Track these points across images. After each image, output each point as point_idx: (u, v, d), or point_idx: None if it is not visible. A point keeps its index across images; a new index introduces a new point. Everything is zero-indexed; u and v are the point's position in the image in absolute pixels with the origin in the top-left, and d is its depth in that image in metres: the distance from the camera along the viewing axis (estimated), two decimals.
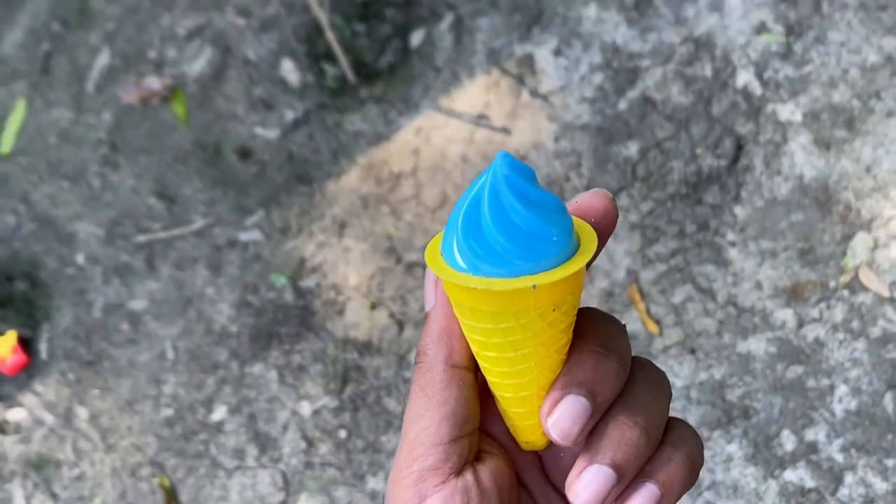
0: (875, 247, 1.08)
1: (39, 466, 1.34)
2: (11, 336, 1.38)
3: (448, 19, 1.37)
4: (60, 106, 1.59)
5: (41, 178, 1.54)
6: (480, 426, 0.36)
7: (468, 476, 0.34)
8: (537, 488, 0.38)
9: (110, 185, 1.48)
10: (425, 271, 0.35)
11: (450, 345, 0.35)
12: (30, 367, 1.39)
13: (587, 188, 1.20)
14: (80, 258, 1.45)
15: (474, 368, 0.36)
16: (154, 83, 1.50)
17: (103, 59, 1.60)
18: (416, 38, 1.38)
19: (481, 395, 0.37)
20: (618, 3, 1.29)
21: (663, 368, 1.00)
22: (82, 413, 1.35)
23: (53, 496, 1.31)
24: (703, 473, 1.07)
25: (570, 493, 0.33)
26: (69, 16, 1.67)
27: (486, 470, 0.35)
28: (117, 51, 1.59)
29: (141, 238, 1.42)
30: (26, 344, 1.40)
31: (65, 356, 1.39)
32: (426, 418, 0.34)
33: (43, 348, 1.40)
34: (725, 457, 1.06)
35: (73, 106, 1.57)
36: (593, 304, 1.17)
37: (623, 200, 1.19)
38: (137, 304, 1.38)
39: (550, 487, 0.38)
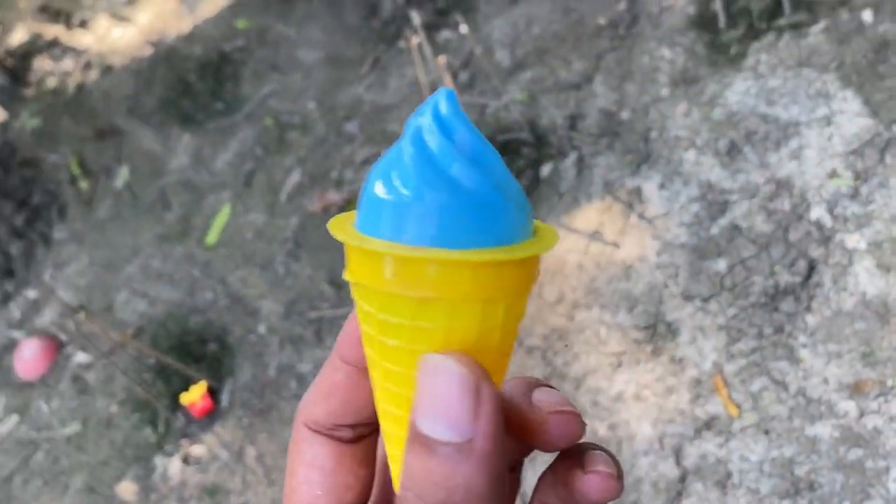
0: None
1: (213, 493, 1.63)
2: (202, 386, 1.72)
3: (572, 157, 1.71)
4: (257, 211, 2.00)
5: (237, 265, 1.92)
6: None
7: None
8: None
9: (292, 273, 1.84)
10: (424, 368, 0.26)
11: (500, 497, 0.27)
12: (214, 412, 1.72)
13: (682, 295, 1.46)
14: (261, 328, 1.79)
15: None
16: (334, 196, 1.89)
17: (294, 177, 2.02)
18: (545, 170, 1.72)
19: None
20: (713, 149, 1.59)
21: (742, 446, 1.24)
22: (251, 452, 1.65)
23: None
24: None
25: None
26: (270, 144, 2.11)
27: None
28: (306, 171, 2.00)
29: (313, 315, 1.76)
30: (213, 393, 1.73)
31: (242, 405, 1.71)
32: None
33: (225, 398, 1.73)
34: None
35: (268, 211, 1.98)
36: (684, 393, 1.40)
37: (712, 306, 1.44)
38: (304, 367, 1.70)
39: None
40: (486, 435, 0.25)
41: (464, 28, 1.72)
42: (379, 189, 0.26)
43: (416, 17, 1.54)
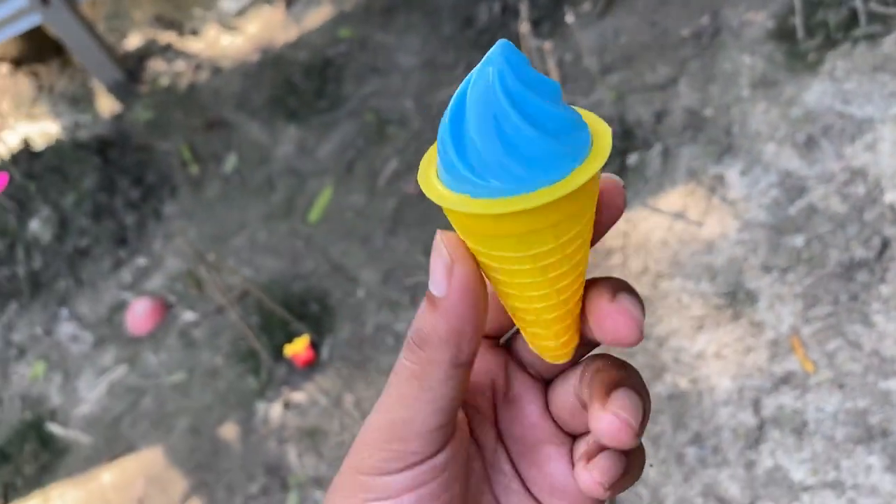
0: None
1: (312, 434, 1.76)
2: (306, 339, 1.87)
3: (658, 147, 1.85)
4: (357, 193, 2.17)
5: (338, 239, 2.09)
6: None
7: (441, 455, 0.35)
8: (489, 444, 0.39)
9: (389, 247, 2.00)
10: (434, 243, 0.33)
11: (458, 346, 0.33)
12: (314, 363, 1.86)
13: (762, 266, 1.59)
14: (360, 293, 1.95)
15: (474, 360, 0.35)
16: None
17: (392, 164, 2.19)
18: (632, 159, 1.86)
19: None
20: (791, 142, 1.72)
21: (818, 399, 1.35)
22: (349, 399, 1.78)
23: (319, 455, 1.73)
24: (845, 477, 1.33)
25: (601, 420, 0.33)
26: (370, 136, 2.29)
27: (455, 442, 0.36)
28: (403, 160, 2.18)
29: (408, 281, 1.90)
30: (314, 347, 1.88)
31: (341, 358, 1.85)
32: (417, 406, 0.34)
33: (325, 351, 1.88)
34: (866, 465, 1.33)
35: (367, 193, 2.15)
36: (762, 352, 1.51)
37: (790, 276, 1.56)
38: (400, 326, 1.84)
39: (500, 444, 0.39)
40: (450, 296, 0.32)
41: (570, 18, 1.90)
42: (450, 151, 0.31)
43: (523, 14, 1.72)
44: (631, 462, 0.36)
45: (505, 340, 0.41)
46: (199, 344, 2.04)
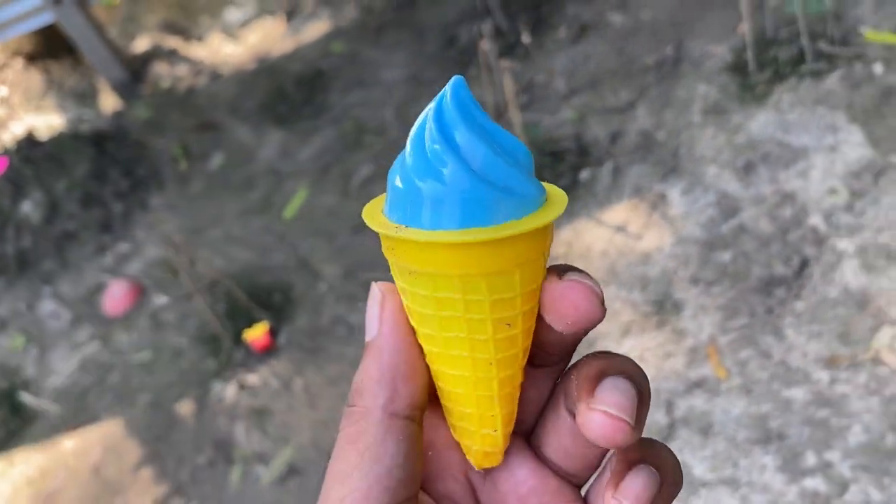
0: (895, 337, 1.45)
1: (260, 413, 1.86)
2: (265, 325, 1.97)
3: (609, 165, 1.96)
4: (330, 194, 2.28)
5: (307, 235, 2.20)
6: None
7: None
8: None
9: (353, 245, 2.11)
10: (370, 293, 0.32)
11: (392, 387, 0.30)
12: (271, 349, 1.96)
13: (690, 279, 1.68)
14: (322, 286, 2.05)
15: (417, 418, 0.31)
16: None
17: (365, 170, 2.31)
18: (584, 174, 1.97)
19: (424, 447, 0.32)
20: (731, 165, 1.82)
21: (725, 403, 1.43)
22: (299, 382, 1.88)
23: (264, 432, 1.82)
24: (741, 474, 1.41)
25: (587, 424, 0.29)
26: (348, 143, 2.42)
27: None
28: (376, 166, 2.29)
29: (367, 277, 2.01)
30: (273, 334, 1.98)
31: (296, 345, 1.95)
32: (354, 478, 0.29)
33: (283, 338, 1.98)
34: (761, 465, 1.40)
35: (340, 195, 2.26)
36: (680, 358, 1.59)
37: (714, 289, 1.64)
38: (354, 318, 1.94)
39: None
40: (382, 335, 0.31)
41: (526, 37, 2.01)
42: (397, 182, 0.30)
43: (485, 32, 1.84)
44: (665, 470, 0.31)
45: None
46: (168, 326, 2.15)
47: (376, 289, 0.32)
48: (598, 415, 0.29)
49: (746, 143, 1.85)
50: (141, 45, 3.16)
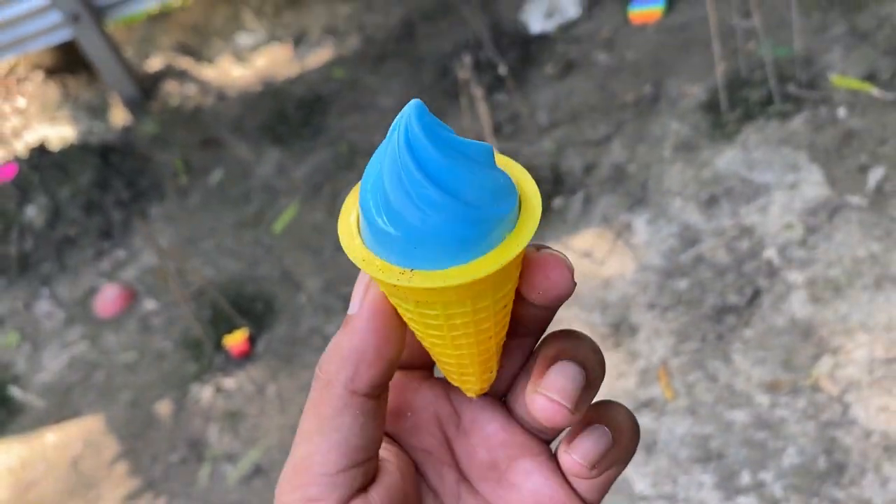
0: (835, 366, 1.51)
1: (233, 415, 1.93)
2: (244, 332, 2.06)
3: (580, 194, 2.04)
4: (319, 211, 2.38)
5: (293, 249, 2.29)
6: (387, 425, 0.34)
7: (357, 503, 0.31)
8: (447, 489, 0.36)
9: (336, 260, 2.20)
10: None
11: (355, 367, 0.31)
12: (249, 355, 2.04)
13: (647, 304, 1.74)
14: (302, 297, 2.13)
15: (378, 395, 0.33)
16: None
17: None
18: (557, 202, 2.05)
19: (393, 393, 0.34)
20: (696, 199, 1.89)
21: (671, 422, 1.49)
22: (272, 388, 1.95)
23: (236, 434, 1.89)
24: (679, 491, 1.46)
25: (533, 397, 0.31)
26: (341, 163, 2.51)
27: (380, 490, 0.33)
28: None
29: (345, 290, 2.09)
30: (252, 341, 2.06)
31: (272, 353, 2.03)
32: (314, 442, 0.32)
33: (261, 345, 2.06)
34: (699, 482, 1.46)
35: (327, 212, 2.35)
36: (632, 378, 1.65)
37: (669, 315, 1.71)
38: (330, 329, 2.02)
39: (464, 485, 0.36)
40: (359, 316, 0.32)
41: (503, 70, 2.11)
42: (381, 224, 0.29)
43: (465, 63, 1.94)
44: (619, 431, 0.33)
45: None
46: (155, 330, 2.24)
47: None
48: (541, 398, 0.31)
49: (712, 178, 1.93)
50: (154, 64, 3.30)
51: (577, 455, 0.33)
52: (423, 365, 0.38)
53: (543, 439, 0.36)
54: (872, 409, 1.45)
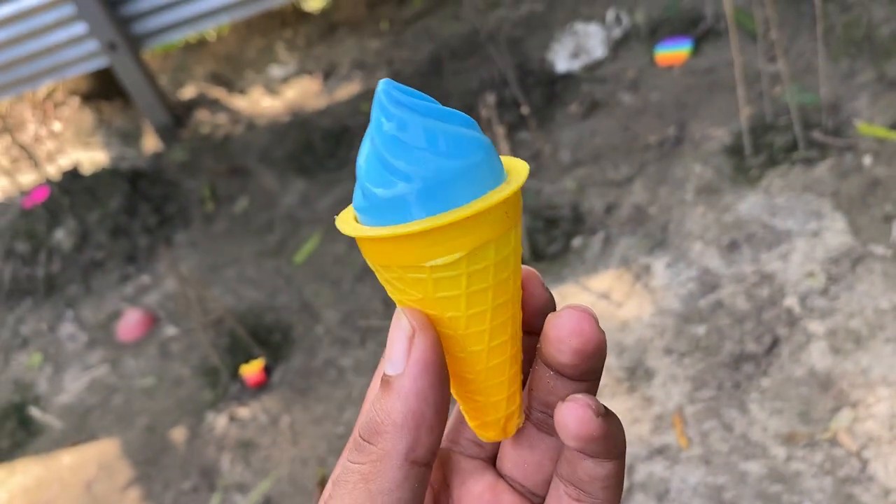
0: (854, 420, 1.48)
1: (246, 445, 1.94)
2: (260, 362, 2.07)
3: (601, 235, 2.03)
4: (340, 243, 2.39)
5: (313, 280, 2.30)
6: None
7: None
8: None
9: (354, 292, 2.21)
10: (394, 316, 0.31)
11: (415, 434, 0.29)
12: (264, 385, 2.05)
13: (664, 349, 1.73)
14: (319, 329, 2.14)
15: (433, 460, 0.31)
16: None
17: None
18: (577, 242, 2.04)
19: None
20: (716, 243, 1.88)
21: (683, 471, 1.47)
22: (286, 419, 1.96)
23: (247, 464, 1.89)
24: None
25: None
26: None
27: None
28: None
29: (362, 323, 2.10)
30: (268, 371, 2.07)
31: (287, 384, 2.03)
32: None
33: (277, 376, 2.06)
34: None
35: (348, 244, 2.37)
36: (646, 424, 1.63)
37: (686, 360, 1.69)
38: (345, 362, 2.02)
39: None
40: (410, 376, 0.29)
41: (525, 110, 2.12)
42: (378, 191, 0.30)
43: (488, 102, 1.95)
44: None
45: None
46: (174, 356, 2.26)
47: (405, 320, 0.30)
48: (566, 310, 0.31)
49: (733, 222, 1.92)
50: (187, 92, 3.37)
51: (581, 396, 0.32)
52: None
53: (531, 501, 0.36)
54: (892, 466, 1.41)
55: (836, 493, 1.41)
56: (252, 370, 2.05)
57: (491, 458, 0.37)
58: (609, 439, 0.31)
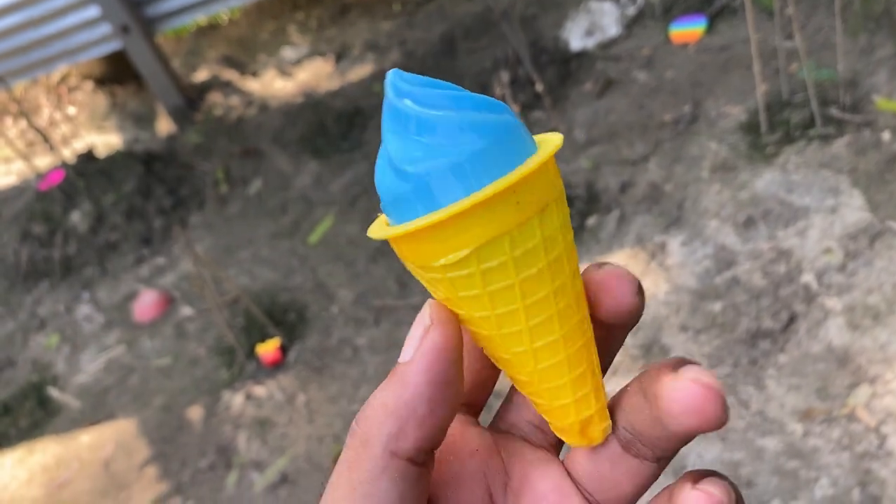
0: (872, 395, 1.47)
1: (262, 424, 1.95)
2: (276, 341, 2.07)
3: (615, 213, 2.02)
4: (354, 224, 2.39)
5: (327, 261, 2.31)
6: None
7: None
8: None
9: (368, 272, 2.21)
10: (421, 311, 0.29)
11: (400, 424, 0.27)
12: (280, 364, 2.06)
13: (679, 326, 1.72)
14: (334, 308, 2.15)
15: (424, 461, 0.28)
16: None
17: None
18: (591, 221, 2.03)
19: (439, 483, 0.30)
20: (732, 220, 1.87)
21: (700, 448, 1.46)
22: (301, 398, 1.97)
23: (264, 442, 1.90)
24: None
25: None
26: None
27: None
28: None
29: (376, 303, 2.10)
30: (283, 350, 2.08)
31: (303, 363, 2.04)
32: None
33: (292, 355, 2.07)
34: None
35: (362, 225, 2.37)
36: None
37: (702, 337, 1.68)
38: (360, 341, 2.03)
39: None
40: (414, 364, 0.28)
41: (539, 87, 2.11)
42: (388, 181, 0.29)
43: (503, 80, 1.94)
44: (738, 494, 0.29)
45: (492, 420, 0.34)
46: (189, 336, 2.27)
47: (427, 313, 0.29)
48: (686, 382, 0.26)
49: (750, 199, 1.90)
50: (200, 75, 3.37)
51: (714, 488, 0.28)
52: (473, 402, 0.34)
53: None
54: None
55: (853, 468, 1.40)
56: (268, 349, 2.06)
57: (555, 447, 0.34)
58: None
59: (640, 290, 0.30)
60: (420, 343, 0.28)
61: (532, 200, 0.28)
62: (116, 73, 3.46)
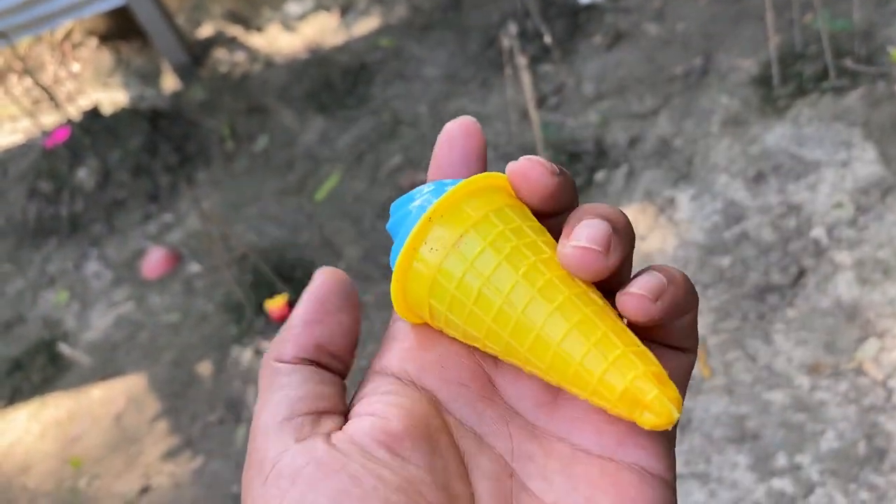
0: (881, 349, 1.47)
1: None
2: (284, 297, 2.08)
3: (624, 168, 2.00)
4: (360, 180, 2.38)
5: (334, 217, 2.30)
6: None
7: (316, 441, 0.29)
8: (489, 426, 0.31)
9: (376, 229, 2.20)
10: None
11: (283, 339, 0.33)
12: None
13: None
14: (342, 265, 2.15)
15: (316, 362, 0.32)
16: (422, 176, 2.25)
17: (396, 159, 2.40)
18: (600, 175, 2.02)
19: None
20: (742, 175, 1.85)
21: (706, 401, 1.46)
22: None
23: None
24: (713, 470, 1.44)
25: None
26: (383, 133, 2.51)
27: (395, 410, 0.30)
28: (406, 157, 2.38)
29: (384, 259, 2.10)
30: (291, 306, 2.09)
31: None
32: (257, 417, 0.31)
33: None
34: (733, 463, 1.43)
35: (369, 181, 2.36)
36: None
37: (710, 292, 1.68)
38: (367, 298, 2.03)
39: (511, 420, 0.31)
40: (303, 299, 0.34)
41: (548, 39, 2.07)
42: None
43: (511, 31, 1.91)
44: (671, 276, 0.30)
45: None
46: (198, 292, 2.28)
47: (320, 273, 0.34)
48: (570, 248, 0.29)
49: (760, 154, 1.88)
50: (205, 31, 3.33)
51: (635, 288, 0.29)
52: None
53: None
54: None
55: (860, 421, 1.41)
56: (276, 304, 2.07)
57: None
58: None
59: (559, 172, 0.32)
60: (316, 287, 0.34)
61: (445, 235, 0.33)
62: (120, 29, 3.43)
